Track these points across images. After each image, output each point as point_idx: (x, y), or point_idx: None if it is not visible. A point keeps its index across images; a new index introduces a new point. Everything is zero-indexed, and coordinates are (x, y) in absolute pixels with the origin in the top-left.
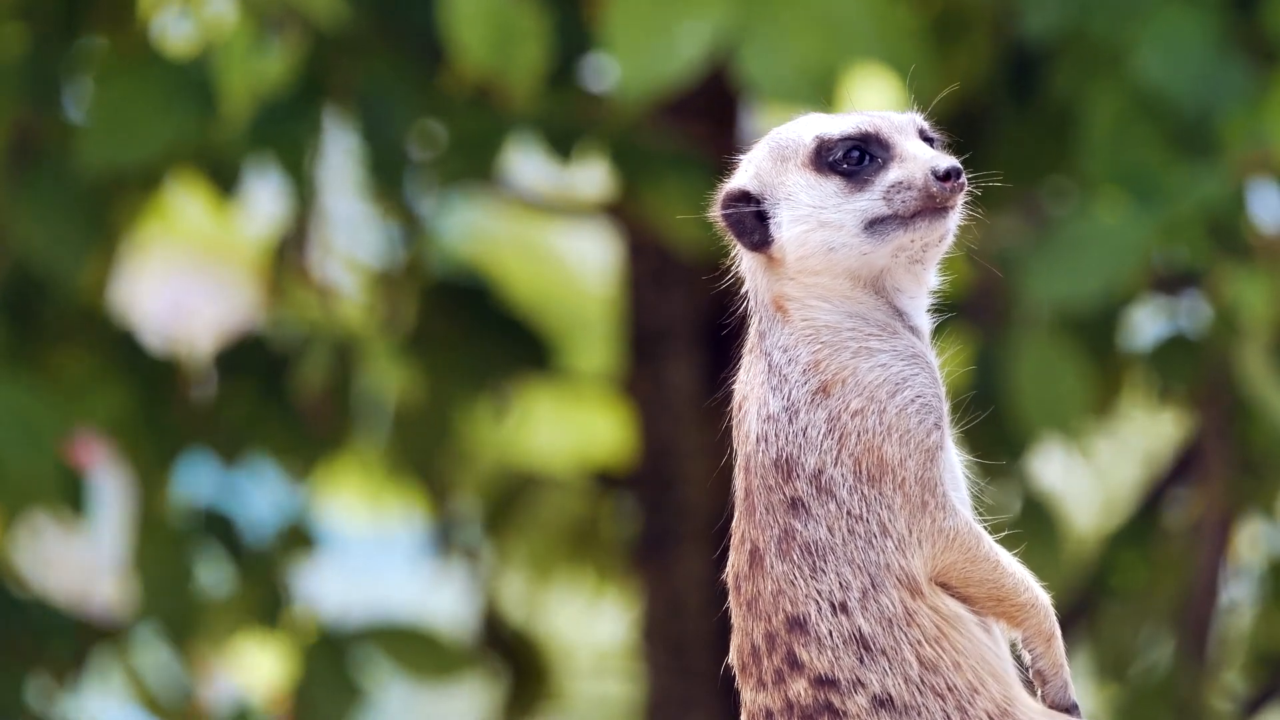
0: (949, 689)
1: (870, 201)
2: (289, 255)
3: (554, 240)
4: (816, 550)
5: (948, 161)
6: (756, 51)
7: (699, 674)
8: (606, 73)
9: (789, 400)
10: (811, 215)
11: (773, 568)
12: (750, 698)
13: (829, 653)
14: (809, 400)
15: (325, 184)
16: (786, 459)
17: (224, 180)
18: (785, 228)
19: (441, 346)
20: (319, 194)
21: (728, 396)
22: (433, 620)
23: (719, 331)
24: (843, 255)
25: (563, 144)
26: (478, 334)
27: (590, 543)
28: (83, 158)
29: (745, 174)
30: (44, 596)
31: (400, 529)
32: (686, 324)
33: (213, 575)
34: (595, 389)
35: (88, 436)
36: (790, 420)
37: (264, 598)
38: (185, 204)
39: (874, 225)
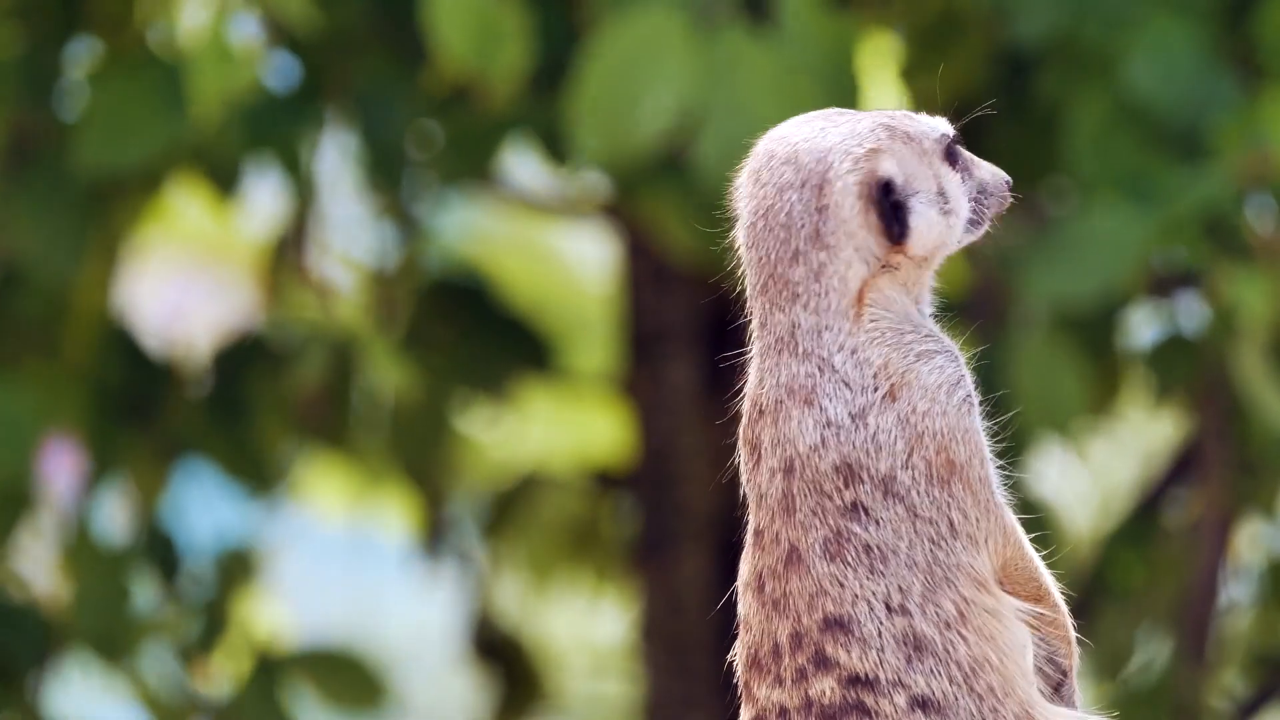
0: (988, 689)
1: (969, 200)
2: (287, 255)
3: (553, 240)
4: (876, 552)
5: (1005, 174)
6: (715, 129)
7: (699, 674)
8: (574, 132)
9: (854, 405)
10: (946, 208)
11: (814, 568)
12: (764, 694)
13: (874, 653)
14: (878, 404)
15: (323, 184)
16: (849, 464)
17: (222, 180)
18: (920, 218)
19: (440, 346)
20: (317, 194)
21: (734, 394)
22: (420, 620)
23: (719, 331)
24: (946, 250)
25: (559, 145)
26: (476, 334)
27: (589, 543)
28: (78, 158)
29: (885, 162)
30: (32, 601)
31: (396, 531)
32: (686, 324)
33: (148, 596)
34: (595, 389)
35: (56, 440)
36: (856, 426)
37: (200, 623)
38: (184, 204)
39: (968, 223)
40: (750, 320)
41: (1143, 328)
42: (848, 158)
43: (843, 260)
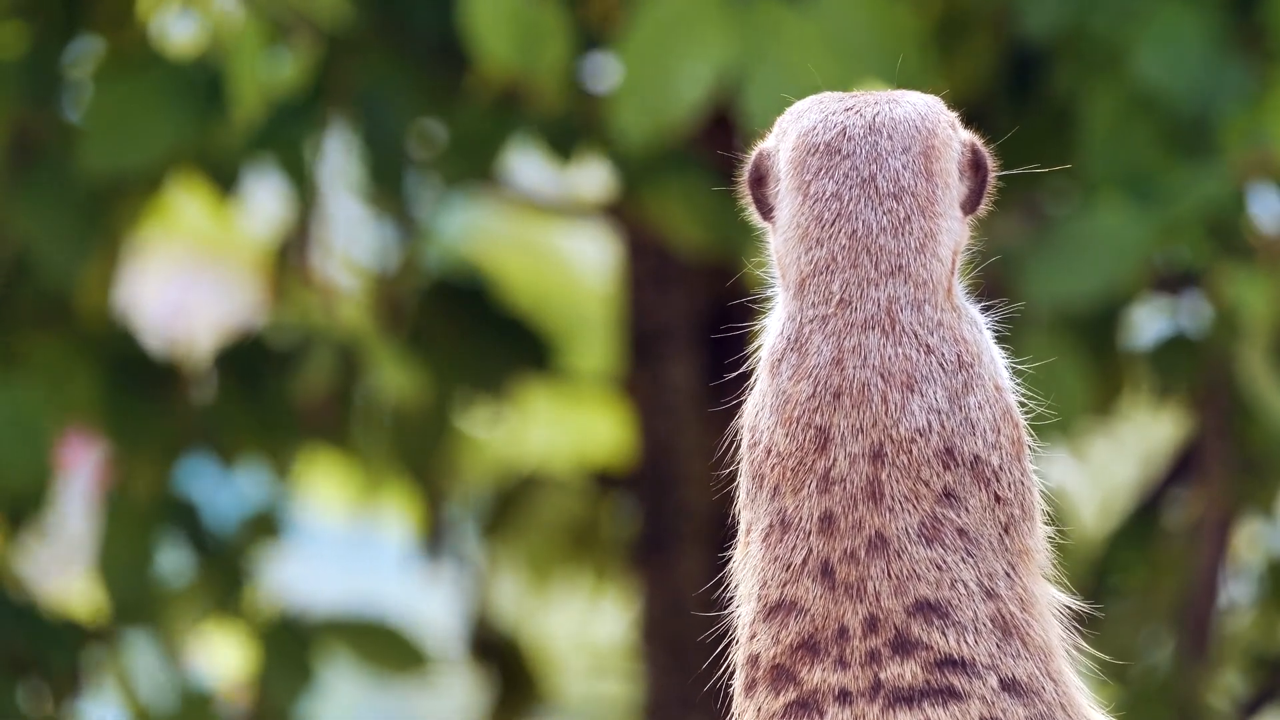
0: (1059, 673)
1: None
2: (290, 256)
3: (554, 240)
4: (968, 537)
5: None
6: (759, 90)
7: (699, 674)
8: (611, 115)
9: (951, 386)
10: None
11: (904, 552)
12: (819, 677)
13: (970, 636)
14: (969, 384)
15: (326, 184)
16: (949, 449)
17: (225, 181)
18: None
19: (441, 346)
20: (320, 195)
21: (737, 393)
22: (421, 619)
23: (719, 331)
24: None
25: (562, 145)
26: (477, 334)
27: (589, 543)
28: (82, 160)
29: (965, 131)
30: (37, 600)
31: (395, 530)
32: (686, 324)
33: (176, 563)
34: (595, 389)
35: (66, 433)
36: (953, 408)
37: (226, 583)
38: (187, 204)
39: None
40: (802, 304)
41: (1145, 327)
42: (945, 123)
43: (945, 229)
